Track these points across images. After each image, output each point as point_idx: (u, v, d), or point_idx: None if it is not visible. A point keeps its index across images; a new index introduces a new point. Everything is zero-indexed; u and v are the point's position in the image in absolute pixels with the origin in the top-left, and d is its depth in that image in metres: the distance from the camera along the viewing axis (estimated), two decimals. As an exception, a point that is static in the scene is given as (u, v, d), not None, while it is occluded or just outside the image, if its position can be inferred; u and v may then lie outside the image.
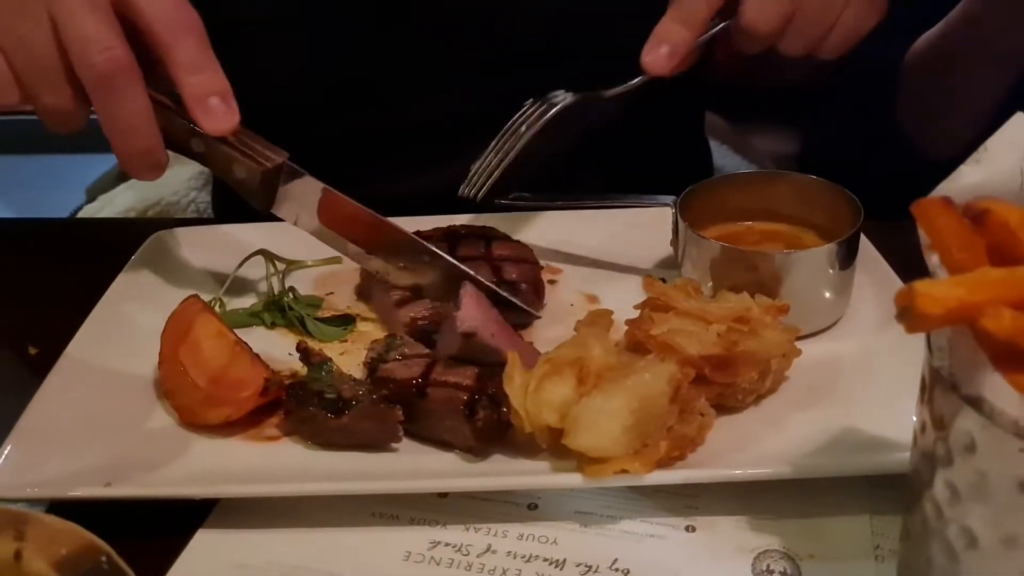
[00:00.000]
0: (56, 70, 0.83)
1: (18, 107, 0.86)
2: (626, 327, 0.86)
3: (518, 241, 1.03)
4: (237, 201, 0.96)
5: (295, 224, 0.98)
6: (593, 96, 0.99)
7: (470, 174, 0.97)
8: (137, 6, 0.84)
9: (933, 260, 0.59)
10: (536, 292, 0.98)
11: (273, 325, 0.99)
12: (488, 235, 1.02)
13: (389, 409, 0.80)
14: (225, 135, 0.89)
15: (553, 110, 0.97)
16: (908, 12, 1.27)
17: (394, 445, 0.81)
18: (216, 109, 0.86)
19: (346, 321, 0.98)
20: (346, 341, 0.96)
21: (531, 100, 0.99)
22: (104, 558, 0.57)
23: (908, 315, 0.53)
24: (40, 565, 0.58)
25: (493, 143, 0.97)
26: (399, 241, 0.97)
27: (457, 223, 1.06)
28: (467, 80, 1.18)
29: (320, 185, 0.97)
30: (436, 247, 0.97)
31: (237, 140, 0.91)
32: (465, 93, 1.18)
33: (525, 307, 0.96)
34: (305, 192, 0.96)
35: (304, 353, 0.85)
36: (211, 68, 0.86)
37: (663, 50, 0.94)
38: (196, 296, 0.91)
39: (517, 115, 0.98)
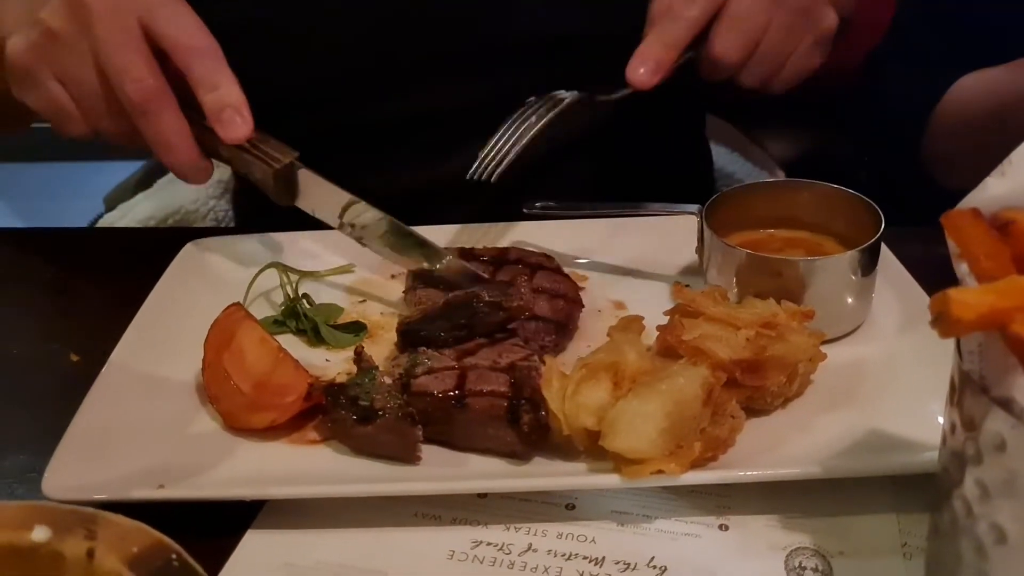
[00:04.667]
0: (106, 101, 0.93)
1: (90, 135, 0.96)
2: (657, 332, 0.89)
3: (566, 276, 1.03)
4: (257, 207, 1.01)
5: (314, 215, 1.06)
6: (593, 96, 1.03)
7: (480, 157, 1.00)
8: (160, 35, 0.94)
9: (962, 268, 0.62)
10: (559, 331, 0.96)
11: (298, 332, 1.01)
12: (537, 264, 1.03)
13: (410, 427, 0.82)
14: (240, 142, 0.98)
15: (563, 103, 1.02)
16: (950, 46, 1.29)
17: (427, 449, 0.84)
18: (231, 120, 0.96)
19: (358, 328, 1.01)
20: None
21: (534, 98, 1.04)
22: (174, 556, 0.59)
23: (942, 320, 0.56)
24: (113, 563, 0.60)
25: (503, 129, 1.01)
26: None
27: (505, 243, 1.08)
28: (462, 73, 1.21)
29: (325, 183, 1.04)
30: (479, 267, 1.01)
31: (252, 145, 1.00)
32: (460, 86, 1.21)
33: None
34: (314, 189, 1.04)
35: (358, 357, 0.87)
36: (225, 84, 0.95)
37: (648, 66, 1.00)
38: (238, 304, 0.94)
39: (522, 108, 1.02)
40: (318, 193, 1.04)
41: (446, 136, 1.25)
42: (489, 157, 0.99)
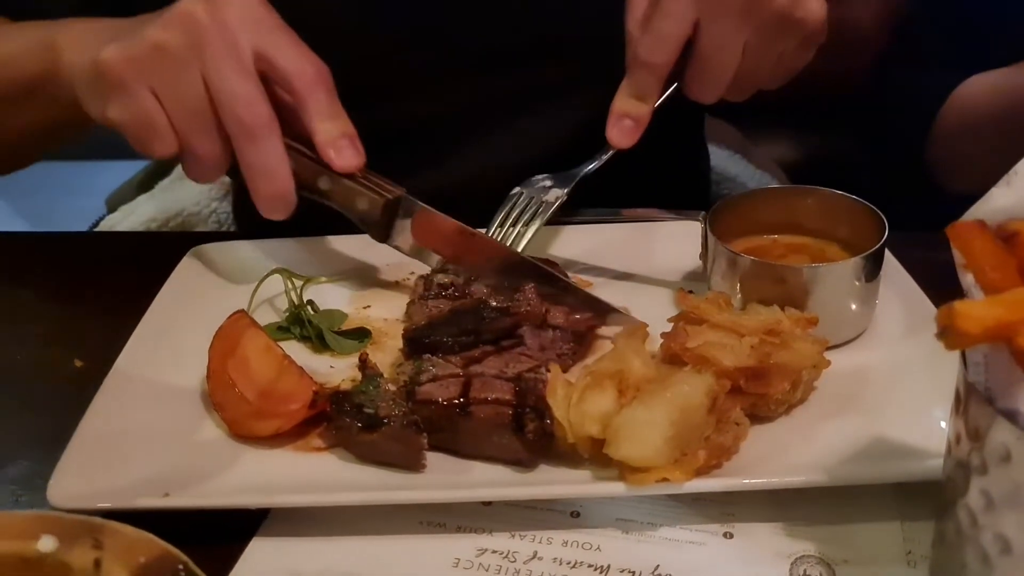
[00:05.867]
0: (209, 121, 0.93)
1: (175, 154, 0.96)
2: (661, 339, 0.89)
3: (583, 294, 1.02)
4: (258, 213, 1.01)
5: (408, 255, 1.05)
6: (572, 180, 1.05)
7: None
8: (277, 63, 0.95)
9: (967, 279, 0.62)
10: (577, 338, 0.96)
11: (302, 338, 1.01)
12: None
13: (415, 435, 0.82)
14: (352, 172, 0.99)
15: (551, 209, 1.03)
16: (955, 48, 1.29)
17: (432, 456, 0.84)
18: (346, 150, 0.97)
19: (363, 335, 1.01)
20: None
21: (517, 190, 1.06)
22: (181, 566, 0.60)
23: (948, 333, 0.56)
24: (120, 573, 0.60)
25: (491, 231, 1.04)
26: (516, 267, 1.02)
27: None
28: (462, 76, 1.21)
29: (441, 217, 1.04)
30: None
31: (361, 176, 1.01)
32: (460, 89, 1.22)
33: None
34: (421, 222, 1.04)
35: (363, 363, 0.87)
36: (340, 115, 0.97)
37: (625, 124, 1.00)
38: (243, 311, 0.94)
39: (507, 203, 1.05)
40: (426, 228, 1.04)
41: (448, 140, 1.25)
42: None
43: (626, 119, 0.99)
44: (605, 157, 1.03)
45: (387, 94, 1.22)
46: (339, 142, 0.97)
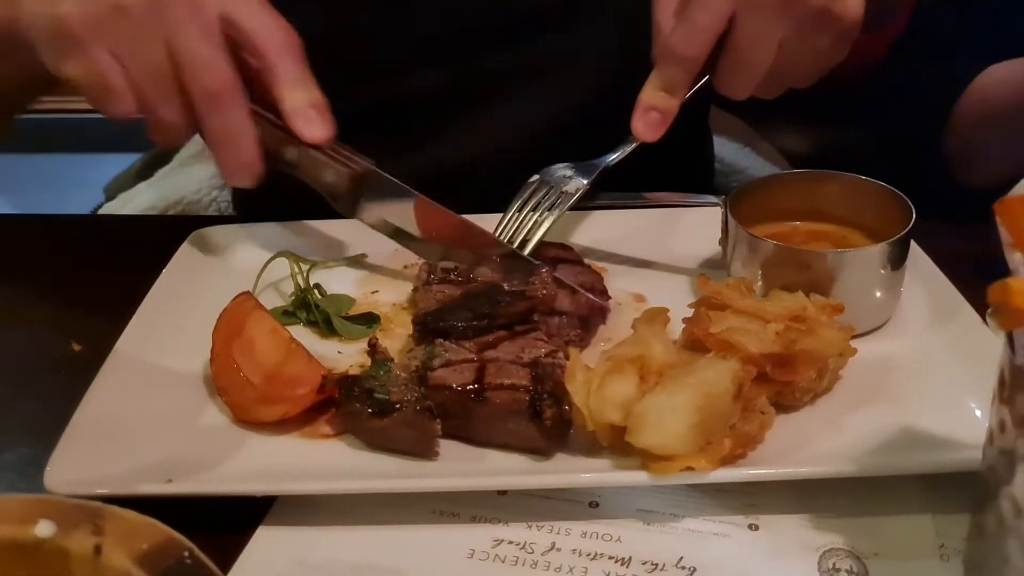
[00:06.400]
0: (170, 86, 0.90)
1: (133, 116, 0.93)
2: (681, 325, 0.86)
3: (588, 267, 1.01)
4: (257, 200, 0.98)
5: (374, 228, 1.02)
6: (594, 170, 1.01)
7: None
8: (244, 27, 0.91)
9: (1016, 258, 0.59)
10: (584, 325, 0.93)
11: (308, 323, 0.99)
12: (558, 257, 1.00)
13: (429, 421, 0.79)
14: (320, 143, 0.95)
15: (571, 200, 1.00)
16: (975, 36, 1.26)
17: (445, 444, 0.81)
18: (314, 119, 0.94)
19: (371, 320, 0.98)
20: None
21: (536, 177, 1.02)
22: (187, 553, 0.57)
23: (1001, 312, 0.53)
24: (121, 560, 0.57)
25: (508, 217, 1.00)
26: (482, 243, 0.99)
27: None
28: (446, 55, 1.18)
29: (408, 190, 1.00)
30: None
31: (329, 148, 0.97)
32: (445, 68, 1.19)
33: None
34: (390, 197, 1.00)
35: (372, 348, 0.84)
36: (309, 83, 0.93)
37: (652, 117, 0.96)
38: (248, 293, 0.91)
39: (525, 191, 1.01)
40: (394, 203, 1.01)
41: (433, 119, 1.22)
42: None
43: (653, 111, 0.95)
44: (629, 149, 0.99)
45: (388, 69, 1.20)
46: (308, 112, 0.93)
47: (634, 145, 0.98)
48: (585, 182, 1.01)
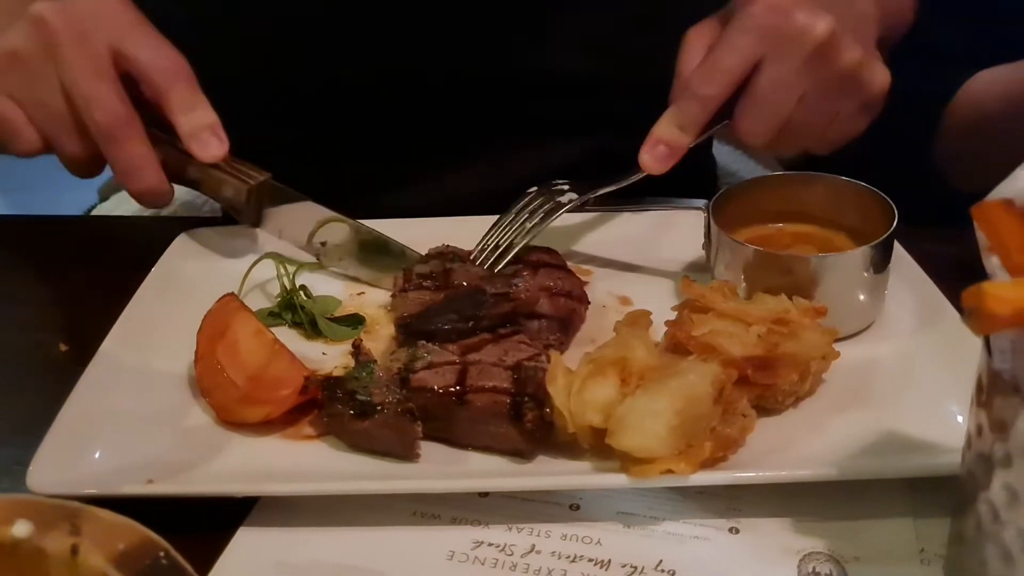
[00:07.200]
0: (70, 124, 0.97)
1: (41, 153, 1.00)
2: (664, 328, 0.86)
3: (570, 271, 0.99)
4: None
5: (279, 238, 1.08)
6: (594, 190, 1.00)
7: (481, 245, 1.00)
8: (134, 59, 0.96)
9: (993, 262, 0.59)
10: (563, 328, 0.93)
11: (294, 324, 0.99)
12: (540, 261, 0.99)
13: (410, 423, 0.79)
14: (216, 161, 1.01)
15: (564, 207, 0.99)
16: (965, 41, 1.26)
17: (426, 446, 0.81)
18: (208, 141, 0.99)
19: (356, 321, 0.98)
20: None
21: (535, 189, 1.02)
22: (162, 554, 0.57)
23: (976, 315, 0.53)
24: (97, 560, 0.57)
25: (504, 221, 1.00)
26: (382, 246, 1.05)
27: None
28: (464, 102, 1.18)
29: (303, 198, 1.06)
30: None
31: (227, 164, 1.03)
32: (462, 114, 1.19)
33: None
34: (288, 206, 1.07)
35: (356, 349, 0.84)
36: (201, 107, 0.98)
37: (660, 151, 0.95)
38: (233, 294, 0.91)
39: (523, 200, 1.01)
40: (291, 211, 1.06)
41: (448, 153, 1.22)
42: (490, 248, 0.99)
43: (661, 145, 0.94)
44: (633, 179, 0.97)
45: (401, 109, 1.19)
46: (201, 135, 0.98)
47: (640, 175, 0.97)
48: (579, 198, 1.00)
